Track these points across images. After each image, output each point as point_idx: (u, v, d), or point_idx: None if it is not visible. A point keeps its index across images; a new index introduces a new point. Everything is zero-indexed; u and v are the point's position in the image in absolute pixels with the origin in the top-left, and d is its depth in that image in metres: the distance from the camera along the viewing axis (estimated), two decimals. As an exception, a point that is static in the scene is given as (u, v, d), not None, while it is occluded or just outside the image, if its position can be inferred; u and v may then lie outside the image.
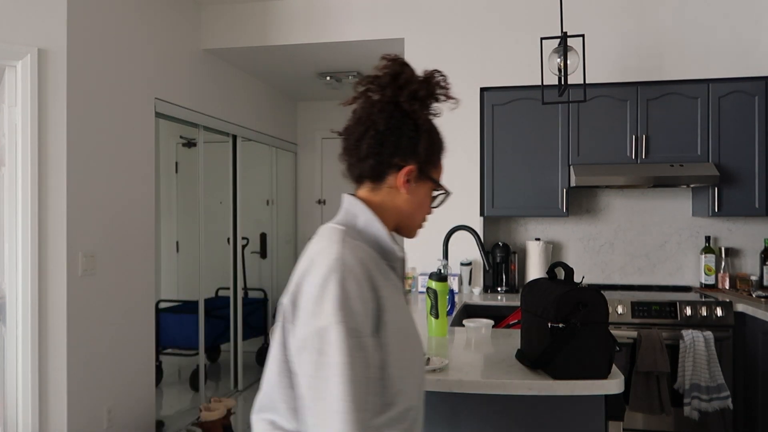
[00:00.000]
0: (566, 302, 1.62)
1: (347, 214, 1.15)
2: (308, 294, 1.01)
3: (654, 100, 3.52)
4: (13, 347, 2.82)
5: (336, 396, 0.95)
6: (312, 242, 1.11)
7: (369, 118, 1.13)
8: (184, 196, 5.14)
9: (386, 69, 1.15)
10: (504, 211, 3.70)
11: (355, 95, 1.18)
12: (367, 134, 1.13)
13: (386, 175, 1.15)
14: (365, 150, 1.13)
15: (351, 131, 1.16)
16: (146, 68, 3.50)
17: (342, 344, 0.95)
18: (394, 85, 1.13)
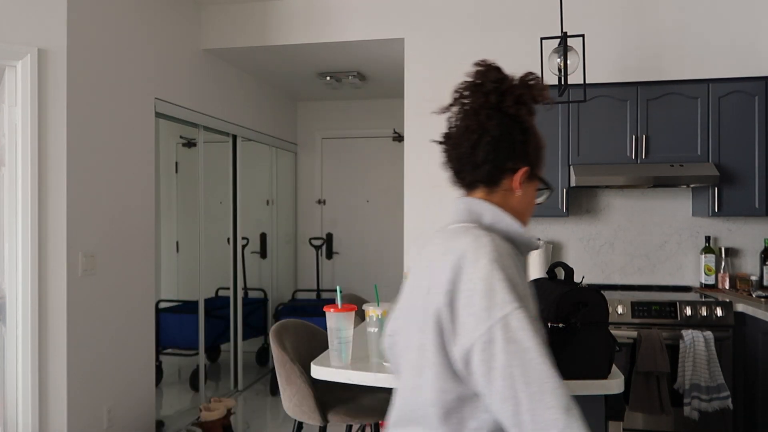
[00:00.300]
0: (566, 302, 1.62)
1: (470, 213, 1.17)
2: (473, 291, 1.00)
3: (654, 100, 3.52)
4: (13, 347, 2.82)
5: (543, 376, 0.96)
6: (438, 244, 1.11)
7: (480, 126, 1.15)
8: (184, 196, 5.14)
9: (486, 76, 1.18)
10: (504, 211, 3.69)
11: (450, 102, 1.22)
12: (481, 141, 1.15)
13: (501, 179, 1.18)
14: (482, 157, 1.16)
15: (461, 139, 1.17)
16: (146, 68, 3.50)
17: (528, 327, 0.98)
18: (498, 91, 1.16)
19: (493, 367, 0.97)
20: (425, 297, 1.06)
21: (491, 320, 0.98)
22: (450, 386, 1.03)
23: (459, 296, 1.01)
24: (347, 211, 5.99)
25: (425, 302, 1.06)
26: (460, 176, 1.20)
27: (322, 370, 1.79)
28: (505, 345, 0.97)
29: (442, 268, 1.05)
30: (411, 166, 3.86)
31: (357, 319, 2.46)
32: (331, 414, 2.13)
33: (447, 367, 1.03)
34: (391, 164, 5.86)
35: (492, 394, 0.98)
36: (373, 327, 1.83)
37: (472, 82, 1.19)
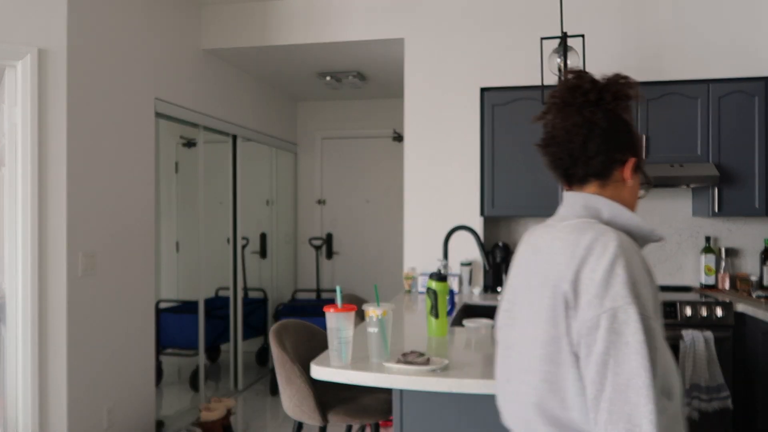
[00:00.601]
0: (566, 302, 1.61)
1: (588, 209, 1.21)
2: (593, 280, 1.05)
3: (654, 100, 3.52)
4: (13, 347, 2.83)
5: (634, 373, 0.99)
6: (560, 238, 1.15)
7: (587, 121, 1.22)
8: (184, 196, 5.14)
9: (581, 79, 1.26)
10: (504, 211, 3.70)
11: (545, 109, 1.29)
12: (592, 134, 1.21)
13: (613, 171, 1.23)
14: (594, 149, 1.21)
15: (571, 136, 1.22)
16: (146, 68, 3.50)
17: (636, 324, 1.01)
18: (596, 89, 1.24)
19: (592, 351, 1.03)
20: (552, 288, 1.10)
21: (601, 309, 1.03)
22: (568, 366, 1.09)
23: (581, 286, 1.07)
24: (347, 211, 5.99)
25: (553, 293, 1.10)
26: (572, 172, 1.25)
27: (322, 370, 1.79)
28: (607, 334, 1.01)
29: (568, 260, 1.10)
30: (411, 166, 3.86)
31: (357, 319, 2.46)
32: (331, 414, 2.13)
33: (569, 347, 1.08)
34: (391, 164, 5.85)
35: (585, 376, 1.04)
36: (373, 327, 1.83)
37: (569, 85, 1.26)
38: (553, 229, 1.20)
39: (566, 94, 1.25)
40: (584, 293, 1.06)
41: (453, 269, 3.70)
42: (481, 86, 3.74)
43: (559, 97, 1.26)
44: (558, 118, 1.25)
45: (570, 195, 1.25)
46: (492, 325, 2.37)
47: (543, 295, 1.12)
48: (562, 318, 1.08)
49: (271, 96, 5.39)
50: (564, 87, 1.26)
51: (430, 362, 1.76)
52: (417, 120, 3.85)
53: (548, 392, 1.10)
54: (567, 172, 1.26)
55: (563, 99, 1.25)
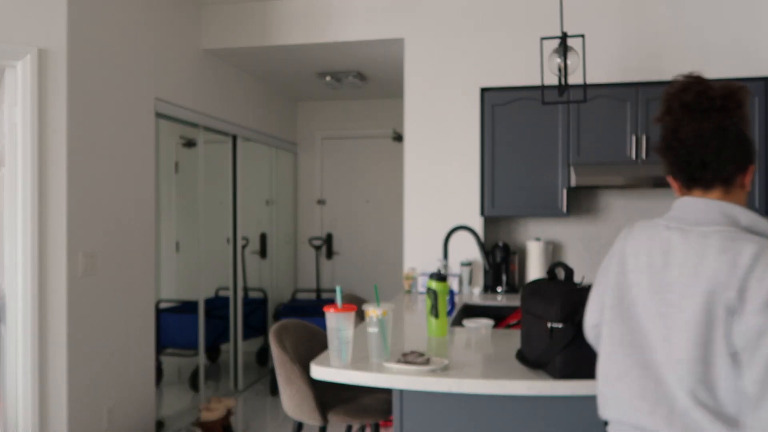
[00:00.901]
0: (567, 303, 1.62)
1: (725, 216, 1.24)
2: (760, 289, 1.11)
3: (654, 101, 3.52)
4: (13, 347, 2.83)
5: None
6: (711, 245, 1.19)
7: (719, 126, 1.27)
8: (184, 196, 5.14)
9: (703, 83, 1.30)
10: (504, 211, 3.70)
11: (666, 109, 1.33)
12: (726, 142, 1.26)
13: (736, 177, 1.28)
14: (728, 156, 1.26)
15: (706, 140, 1.27)
16: (146, 68, 3.50)
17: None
18: (720, 96, 1.29)
19: (757, 354, 1.10)
20: (707, 294, 1.16)
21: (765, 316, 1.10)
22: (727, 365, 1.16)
23: (748, 293, 1.12)
24: (347, 211, 5.99)
25: (708, 298, 1.16)
26: (698, 176, 1.29)
27: (322, 370, 1.79)
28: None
29: (729, 269, 1.15)
30: (411, 166, 3.86)
31: (357, 319, 2.46)
32: (331, 414, 2.13)
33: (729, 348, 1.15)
34: (391, 164, 5.85)
35: (747, 376, 1.12)
36: (373, 327, 1.83)
37: (695, 90, 1.30)
38: (692, 234, 1.24)
39: (692, 98, 1.29)
40: (751, 300, 1.12)
41: (453, 269, 3.70)
42: (481, 86, 3.74)
43: (684, 101, 1.29)
44: (686, 122, 1.28)
45: (700, 201, 1.28)
46: (491, 325, 2.37)
47: (694, 300, 1.17)
48: (722, 322, 1.14)
49: (271, 96, 5.39)
50: (689, 91, 1.30)
51: (430, 362, 1.76)
52: (417, 120, 3.85)
53: (701, 390, 1.16)
54: (693, 176, 1.30)
55: (689, 103, 1.29)
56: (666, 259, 1.25)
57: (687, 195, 1.33)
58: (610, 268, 1.35)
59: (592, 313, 1.43)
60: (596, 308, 1.40)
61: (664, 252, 1.25)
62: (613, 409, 1.29)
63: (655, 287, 1.25)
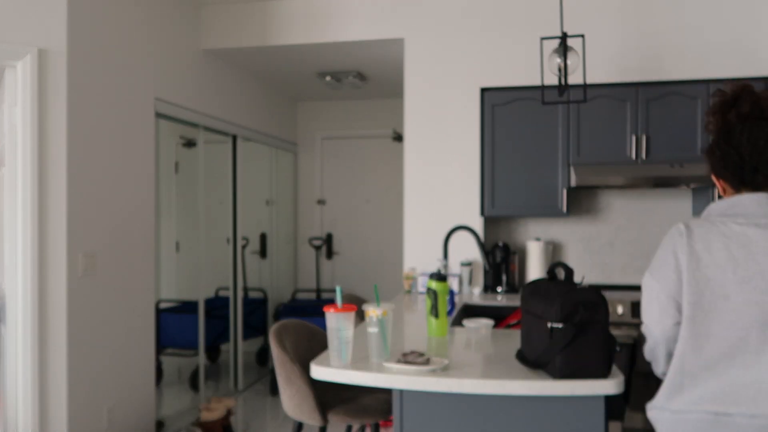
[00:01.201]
0: (567, 303, 1.62)
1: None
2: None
3: (654, 100, 3.52)
4: (13, 347, 2.83)
5: None
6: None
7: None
8: (184, 196, 5.14)
9: (752, 95, 1.47)
10: (504, 211, 3.70)
11: (719, 118, 1.51)
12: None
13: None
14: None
15: (759, 150, 1.43)
16: (146, 68, 3.50)
17: None
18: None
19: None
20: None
21: None
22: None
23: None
24: (347, 211, 5.99)
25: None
26: (750, 180, 1.44)
27: (322, 370, 1.79)
28: None
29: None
30: (411, 166, 3.86)
31: (357, 319, 2.46)
32: (331, 414, 2.13)
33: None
34: (391, 164, 5.85)
35: None
36: (373, 327, 1.83)
37: (748, 98, 1.48)
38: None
39: (747, 108, 1.47)
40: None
41: (453, 269, 3.70)
42: (481, 86, 3.74)
43: (739, 110, 1.47)
44: (740, 130, 1.45)
45: (763, 198, 1.41)
46: (491, 325, 2.37)
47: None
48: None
49: (271, 96, 5.39)
50: (743, 101, 1.48)
51: (430, 362, 1.76)
52: (417, 120, 3.85)
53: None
54: (744, 179, 1.44)
55: (744, 113, 1.47)
56: (748, 251, 1.35)
57: (735, 194, 1.46)
58: (674, 268, 1.42)
59: (667, 312, 1.45)
60: (670, 307, 1.44)
61: (743, 245, 1.36)
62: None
63: (744, 278, 1.34)
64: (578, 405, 1.68)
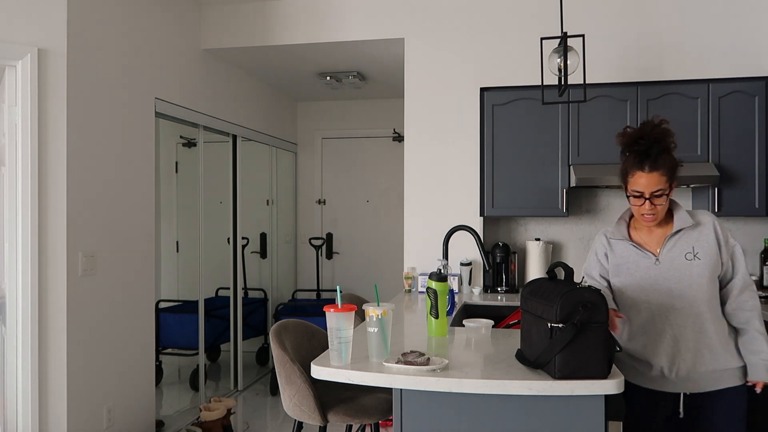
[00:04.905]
0: (567, 303, 1.62)
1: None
2: None
3: (654, 100, 3.52)
4: (13, 347, 2.83)
5: None
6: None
7: None
8: (184, 196, 5.14)
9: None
10: (504, 211, 3.70)
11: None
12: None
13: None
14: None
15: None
16: (146, 68, 3.50)
17: None
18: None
19: None
20: None
21: None
22: None
23: None
24: (347, 211, 5.99)
25: None
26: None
27: (322, 370, 1.79)
28: None
29: None
30: (411, 166, 3.86)
31: (357, 319, 2.46)
32: (331, 414, 2.13)
33: None
34: (391, 164, 5.86)
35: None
36: (373, 327, 1.83)
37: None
38: None
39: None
40: None
41: (453, 269, 3.70)
42: (481, 86, 3.74)
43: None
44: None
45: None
46: (491, 325, 2.37)
47: None
48: None
49: (271, 96, 5.39)
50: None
51: (430, 362, 1.76)
52: (417, 120, 3.85)
53: None
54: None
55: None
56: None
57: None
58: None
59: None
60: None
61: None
62: None
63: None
64: (578, 405, 1.68)
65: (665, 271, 2.01)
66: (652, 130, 2.06)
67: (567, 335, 1.60)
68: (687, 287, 1.99)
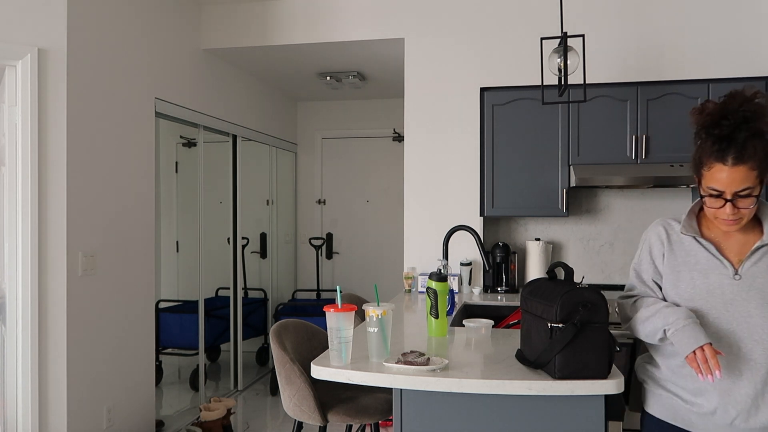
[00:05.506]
0: (567, 302, 1.62)
1: None
2: None
3: (654, 100, 3.52)
4: (13, 347, 2.83)
5: None
6: None
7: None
8: (184, 196, 5.14)
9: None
10: (504, 211, 3.70)
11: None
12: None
13: None
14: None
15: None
16: (146, 68, 3.50)
17: None
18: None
19: None
20: None
21: None
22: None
23: None
24: (347, 211, 5.99)
25: None
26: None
27: (322, 370, 1.79)
28: None
29: None
30: (411, 166, 3.86)
31: (357, 319, 2.46)
32: (331, 414, 2.13)
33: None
34: (391, 164, 5.86)
35: None
36: (373, 327, 1.83)
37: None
38: None
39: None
40: None
41: (453, 269, 3.70)
42: (481, 86, 3.74)
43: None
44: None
45: None
46: (491, 325, 2.37)
47: None
48: None
49: (271, 96, 5.39)
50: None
51: (430, 362, 1.76)
52: (417, 120, 3.85)
53: None
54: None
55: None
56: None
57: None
58: None
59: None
60: None
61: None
62: None
63: None
64: (578, 405, 1.68)
65: (744, 291, 1.53)
66: (741, 107, 1.50)
67: (567, 335, 1.60)
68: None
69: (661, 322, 1.57)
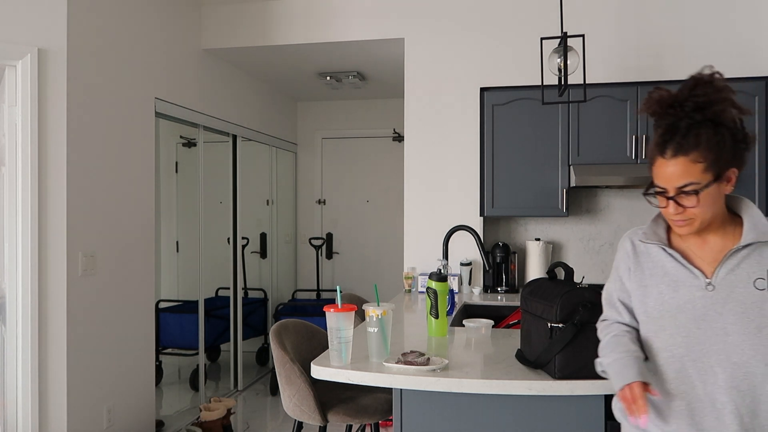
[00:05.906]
0: (567, 302, 1.62)
1: None
2: None
3: (654, 100, 3.51)
4: (13, 347, 2.83)
5: None
6: None
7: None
8: (184, 196, 5.14)
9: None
10: (504, 211, 3.70)
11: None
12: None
13: None
14: None
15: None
16: (146, 68, 3.50)
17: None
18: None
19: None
20: None
21: None
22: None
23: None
24: (347, 211, 5.99)
25: None
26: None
27: (322, 370, 1.79)
28: None
29: None
30: (411, 166, 3.86)
31: (357, 319, 2.46)
32: (331, 414, 2.13)
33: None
34: (391, 164, 5.86)
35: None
36: (373, 327, 1.83)
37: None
38: None
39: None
40: None
41: (453, 269, 3.70)
42: (481, 86, 3.74)
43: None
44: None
45: None
46: (491, 325, 2.37)
47: None
48: None
49: (271, 96, 5.39)
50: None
51: (430, 362, 1.76)
52: (417, 120, 3.85)
53: None
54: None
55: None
56: None
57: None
58: None
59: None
60: None
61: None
62: None
63: None
64: (578, 405, 1.68)
65: (720, 303, 1.31)
66: (693, 91, 1.30)
67: (567, 335, 1.60)
68: (754, 331, 1.28)
69: (600, 355, 1.45)
